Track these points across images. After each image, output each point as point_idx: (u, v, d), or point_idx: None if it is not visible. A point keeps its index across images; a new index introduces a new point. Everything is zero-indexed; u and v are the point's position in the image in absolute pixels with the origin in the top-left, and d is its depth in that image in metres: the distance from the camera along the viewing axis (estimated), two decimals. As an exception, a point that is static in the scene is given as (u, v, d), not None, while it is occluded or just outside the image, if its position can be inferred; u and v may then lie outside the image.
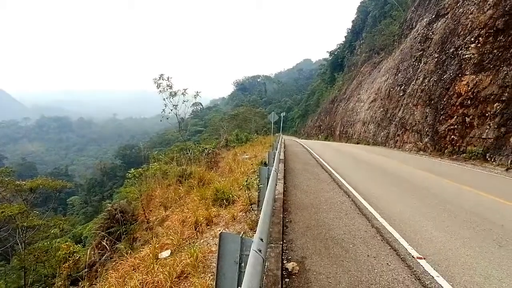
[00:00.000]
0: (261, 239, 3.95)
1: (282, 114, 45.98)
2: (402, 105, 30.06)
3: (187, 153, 16.74)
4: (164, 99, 14.10)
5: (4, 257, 29.03)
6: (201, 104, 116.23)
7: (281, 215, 8.01)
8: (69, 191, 64.70)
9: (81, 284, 7.86)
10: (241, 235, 3.70)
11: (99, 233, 10.70)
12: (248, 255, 3.44)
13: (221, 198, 8.56)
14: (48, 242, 17.61)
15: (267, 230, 4.74)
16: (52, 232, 20.15)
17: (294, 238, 6.44)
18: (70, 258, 11.89)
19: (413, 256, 5.25)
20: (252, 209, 7.50)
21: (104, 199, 66.93)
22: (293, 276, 4.56)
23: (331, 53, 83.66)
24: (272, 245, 5.40)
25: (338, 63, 74.62)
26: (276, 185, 8.67)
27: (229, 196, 8.57)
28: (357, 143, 36.06)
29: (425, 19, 30.52)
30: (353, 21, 74.49)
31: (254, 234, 4.29)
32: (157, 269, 5.24)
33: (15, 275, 24.11)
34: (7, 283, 24.59)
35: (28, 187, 17.00)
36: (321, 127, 60.31)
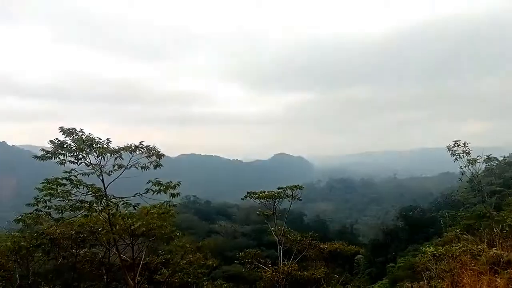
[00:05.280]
0: None
1: None
2: None
3: (490, 223, 13.61)
4: (461, 167, 12.63)
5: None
6: (496, 159, 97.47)
7: None
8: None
9: None
10: None
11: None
12: None
13: None
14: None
15: None
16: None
17: None
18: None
19: None
20: None
21: (387, 261, 65.31)
22: None
23: None
24: None
25: None
26: None
27: None
28: None
29: None
30: None
31: None
32: None
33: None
34: None
35: (328, 250, 18.88)
36: None
